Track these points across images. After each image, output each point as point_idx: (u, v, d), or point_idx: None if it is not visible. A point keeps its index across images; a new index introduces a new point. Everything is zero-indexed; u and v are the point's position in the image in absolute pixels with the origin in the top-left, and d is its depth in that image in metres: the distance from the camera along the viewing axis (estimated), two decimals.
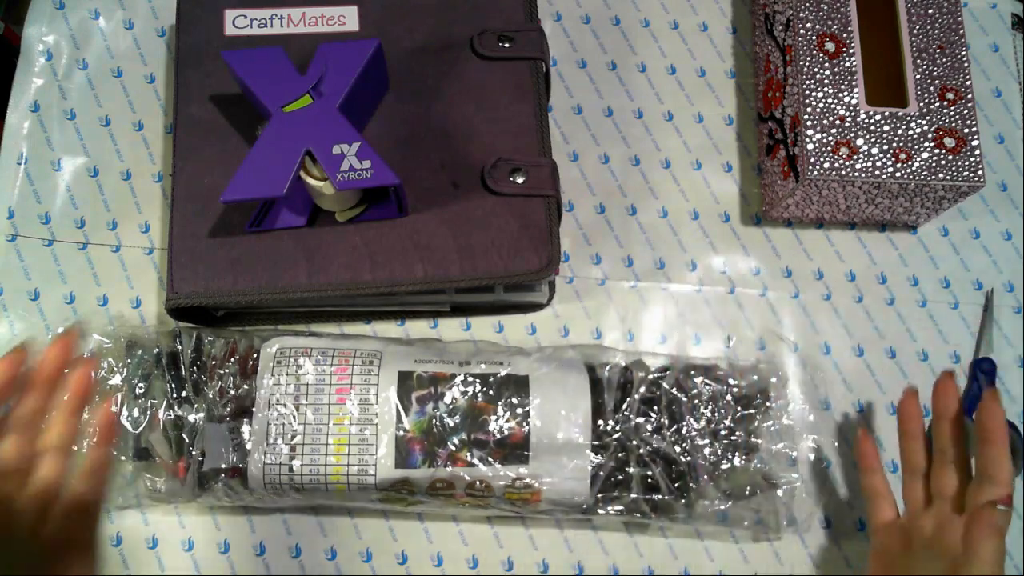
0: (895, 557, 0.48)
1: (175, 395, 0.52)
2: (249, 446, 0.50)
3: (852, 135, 0.56)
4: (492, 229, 0.54)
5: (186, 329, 0.55)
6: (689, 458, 0.53)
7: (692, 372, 0.55)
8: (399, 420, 0.50)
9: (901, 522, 0.50)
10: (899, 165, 0.56)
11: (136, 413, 0.51)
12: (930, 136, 0.57)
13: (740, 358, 0.60)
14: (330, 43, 0.53)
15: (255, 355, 0.53)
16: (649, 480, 0.52)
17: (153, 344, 0.54)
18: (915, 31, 0.59)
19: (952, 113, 0.57)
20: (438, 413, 0.51)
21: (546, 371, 0.53)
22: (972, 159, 0.56)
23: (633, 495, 0.52)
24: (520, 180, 0.54)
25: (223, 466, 0.50)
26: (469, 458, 0.50)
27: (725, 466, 0.53)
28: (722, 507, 0.53)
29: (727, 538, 0.57)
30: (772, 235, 0.64)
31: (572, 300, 0.61)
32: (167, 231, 0.54)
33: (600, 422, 0.52)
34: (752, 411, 0.55)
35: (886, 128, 0.57)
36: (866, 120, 0.57)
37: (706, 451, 0.53)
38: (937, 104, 0.58)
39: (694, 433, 0.53)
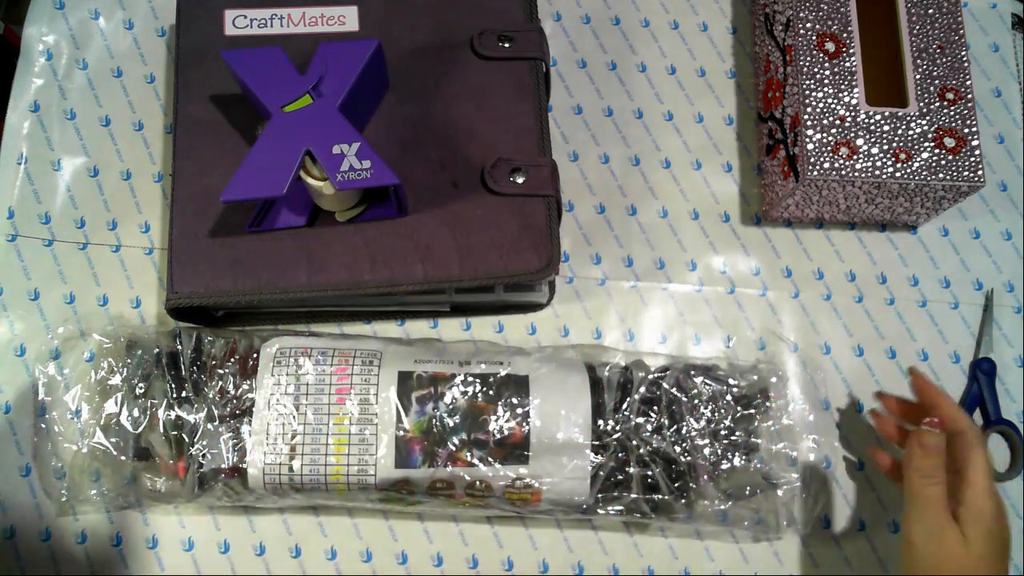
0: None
1: (175, 395, 0.52)
2: (249, 446, 0.50)
3: (852, 135, 0.56)
4: (492, 229, 0.54)
5: (186, 329, 0.55)
6: (689, 458, 0.53)
7: (692, 372, 0.55)
8: (399, 420, 0.50)
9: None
10: (899, 165, 0.56)
11: (136, 413, 0.51)
12: (930, 136, 0.57)
13: (740, 358, 0.60)
14: (330, 43, 0.53)
15: (255, 355, 0.53)
16: (649, 480, 0.52)
17: (153, 344, 0.53)
18: (915, 31, 0.59)
19: (952, 113, 0.57)
20: (438, 413, 0.51)
21: (546, 371, 0.53)
22: (972, 159, 0.56)
23: (633, 495, 0.52)
24: (520, 180, 0.54)
25: (223, 466, 0.50)
26: (469, 458, 0.50)
27: (725, 466, 0.53)
28: (722, 507, 0.53)
29: (727, 538, 0.57)
30: (772, 235, 0.64)
31: (572, 300, 0.61)
32: (167, 231, 0.54)
33: (600, 422, 0.52)
34: (752, 411, 0.55)
35: (886, 128, 0.57)
36: (866, 120, 0.57)
37: (706, 451, 0.53)
38: (937, 104, 0.58)
39: (694, 433, 0.53)
